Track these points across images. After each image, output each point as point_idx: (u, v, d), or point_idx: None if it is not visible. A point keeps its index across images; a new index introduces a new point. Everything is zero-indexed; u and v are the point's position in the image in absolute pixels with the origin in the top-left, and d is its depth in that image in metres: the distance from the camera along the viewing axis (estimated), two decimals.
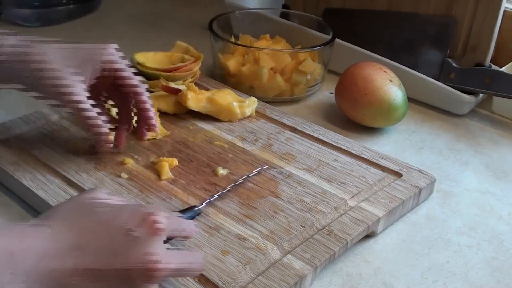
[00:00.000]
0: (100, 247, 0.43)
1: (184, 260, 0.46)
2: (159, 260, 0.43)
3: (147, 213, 0.44)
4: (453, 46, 0.88)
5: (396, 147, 0.78)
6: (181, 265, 0.45)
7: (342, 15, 0.98)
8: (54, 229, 0.43)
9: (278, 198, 0.62)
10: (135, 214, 0.44)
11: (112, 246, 0.43)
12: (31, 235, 0.42)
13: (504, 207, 0.67)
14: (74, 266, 0.42)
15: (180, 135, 0.73)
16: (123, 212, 0.45)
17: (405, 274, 0.57)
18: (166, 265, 0.43)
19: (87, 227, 0.44)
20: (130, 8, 1.24)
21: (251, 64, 0.85)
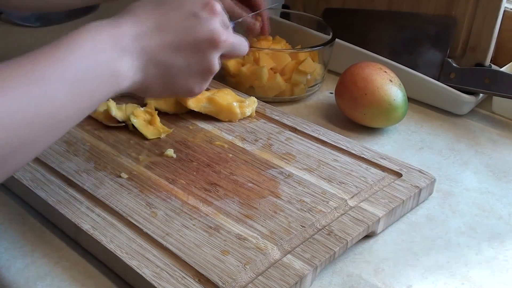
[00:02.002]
0: (175, 26, 0.54)
1: (237, 38, 0.59)
2: (221, 33, 0.55)
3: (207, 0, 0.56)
4: (453, 46, 0.88)
5: (396, 147, 0.78)
6: (236, 41, 0.59)
7: (342, 15, 0.98)
8: (138, 16, 0.54)
9: (278, 198, 0.62)
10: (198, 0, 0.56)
11: (184, 24, 0.54)
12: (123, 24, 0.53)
13: (504, 207, 0.67)
14: (159, 42, 0.53)
15: (180, 135, 0.73)
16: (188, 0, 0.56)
17: (405, 274, 0.57)
18: (227, 37, 0.56)
19: (163, 12, 0.54)
20: None
21: (251, 64, 0.85)
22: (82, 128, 0.73)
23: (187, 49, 0.55)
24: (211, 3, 0.56)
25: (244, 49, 0.61)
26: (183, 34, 0.54)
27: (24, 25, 1.09)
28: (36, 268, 0.55)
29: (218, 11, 0.56)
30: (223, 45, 0.56)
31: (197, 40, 0.55)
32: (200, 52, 0.55)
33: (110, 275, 0.55)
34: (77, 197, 0.61)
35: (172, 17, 0.54)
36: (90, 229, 0.56)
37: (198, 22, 0.55)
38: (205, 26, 0.55)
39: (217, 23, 0.56)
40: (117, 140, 0.71)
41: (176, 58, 0.54)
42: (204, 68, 0.56)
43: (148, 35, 0.53)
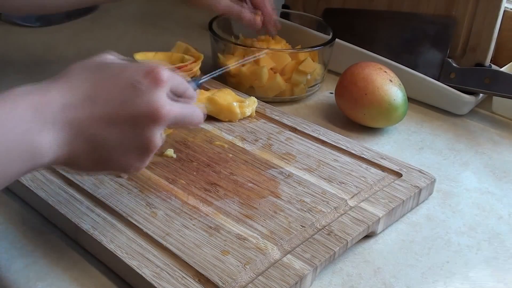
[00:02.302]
0: (110, 97, 0.49)
1: (185, 109, 0.53)
2: (162, 107, 0.49)
3: (151, 67, 0.50)
4: (453, 46, 0.88)
5: (396, 147, 0.78)
6: (183, 113, 0.52)
7: (342, 15, 0.98)
8: (71, 84, 0.48)
9: (278, 198, 0.62)
10: (140, 67, 0.50)
11: (120, 96, 0.49)
12: (51, 91, 0.47)
13: (504, 207, 0.67)
14: (90, 114, 0.48)
15: (180, 135, 0.73)
16: (129, 67, 0.51)
17: (405, 274, 0.57)
18: (169, 111, 0.49)
19: (99, 81, 0.49)
20: (130, 8, 1.23)
21: (251, 64, 0.85)
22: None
23: (123, 123, 0.49)
24: (155, 71, 0.50)
25: (196, 119, 0.55)
26: (118, 106, 0.48)
27: (24, 25, 1.09)
28: (36, 268, 0.55)
29: (163, 80, 0.50)
30: (164, 119, 0.49)
31: (134, 114, 0.48)
32: (138, 127, 0.49)
33: (110, 275, 0.55)
34: (77, 197, 0.61)
35: (108, 86, 0.49)
36: (90, 229, 0.56)
37: (137, 94, 0.49)
38: (144, 98, 0.49)
39: (160, 95, 0.49)
40: None
41: (109, 133, 0.48)
42: (141, 145, 0.50)
43: (78, 106, 0.47)
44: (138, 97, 0.49)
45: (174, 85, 0.52)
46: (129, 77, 0.49)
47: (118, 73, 0.50)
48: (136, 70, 0.50)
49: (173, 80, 0.52)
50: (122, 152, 0.50)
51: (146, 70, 0.50)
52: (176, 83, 0.53)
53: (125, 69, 0.50)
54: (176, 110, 0.51)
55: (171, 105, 0.50)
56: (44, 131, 0.45)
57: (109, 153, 0.49)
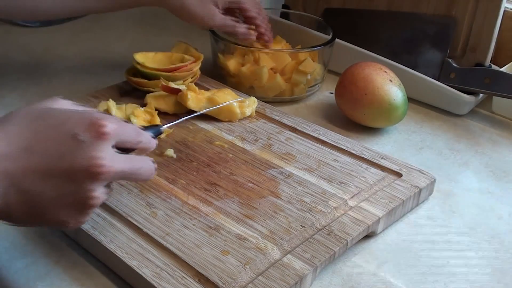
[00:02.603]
0: (48, 149, 0.45)
1: (131, 164, 0.49)
2: (103, 162, 0.46)
3: (95, 118, 0.47)
4: (453, 46, 0.88)
5: (396, 147, 0.78)
6: (128, 169, 0.49)
7: (342, 15, 0.98)
8: (7, 132, 0.46)
9: (278, 198, 0.62)
10: (84, 119, 0.47)
11: (59, 148, 0.46)
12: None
13: (504, 207, 0.67)
14: (24, 166, 0.45)
15: (180, 135, 0.73)
16: (72, 117, 0.47)
17: (405, 274, 0.57)
18: (110, 167, 0.46)
19: (38, 131, 0.46)
20: None
21: (251, 64, 0.85)
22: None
23: (59, 177, 0.45)
24: (98, 123, 0.46)
25: (144, 174, 0.51)
26: (55, 159, 0.45)
27: (24, 25, 1.09)
28: (36, 268, 0.55)
29: (107, 133, 0.46)
30: (104, 176, 0.46)
31: (71, 169, 0.45)
32: (75, 182, 0.46)
33: (110, 275, 0.55)
34: None
35: (47, 137, 0.46)
36: (90, 229, 0.56)
37: (77, 147, 0.46)
38: (84, 152, 0.46)
39: (101, 149, 0.46)
40: None
41: (44, 187, 0.45)
42: (80, 200, 0.47)
43: (14, 157, 0.45)
44: (77, 150, 0.46)
45: (123, 138, 0.49)
46: (70, 128, 0.46)
47: (60, 124, 0.47)
48: (79, 121, 0.47)
49: (121, 132, 0.48)
50: (59, 207, 0.47)
51: (89, 122, 0.46)
52: (125, 135, 0.49)
53: (67, 120, 0.47)
54: (119, 166, 0.47)
55: (113, 160, 0.47)
56: None
57: (44, 208, 0.46)
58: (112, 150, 0.47)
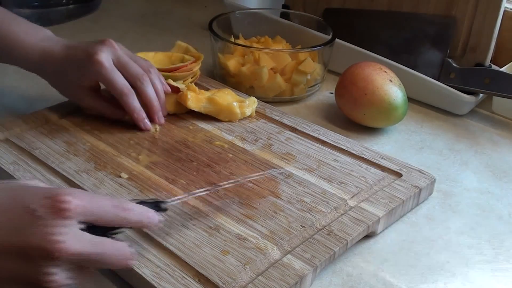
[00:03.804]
0: (2, 222, 0.42)
1: (97, 247, 0.44)
2: (58, 242, 0.42)
3: (57, 193, 0.43)
4: (453, 46, 0.88)
5: (396, 147, 0.78)
6: (91, 252, 0.44)
7: (342, 15, 0.98)
8: None
9: (278, 198, 0.62)
10: (45, 193, 0.43)
11: (13, 221, 0.42)
12: None
13: (504, 207, 0.67)
14: None
15: (180, 135, 0.73)
16: (34, 192, 0.44)
17: (405, 274, 0.57)
18: (67, 249, 0.42)
19: None
20: (130, 8, 1.24)
21: (251, 64, 0.85)
22: (82, 128, 0.73)
23: (12, 255, 0.42)
24: (59, 198, 0.42)
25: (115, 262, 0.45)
26: (8, 234, 0.42)
27: None
28: None
29: (69, 209, 0.42)
30: (60, 257, 0.42)
31: (25, 246, 0.42)
32: (29, 261, 0.42)
33: (110, 275, 0.55)
34: None
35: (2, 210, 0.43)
36: None
37: (33, 222, 0.42)
38: (39, 228, 0.42)
39: (61, 226, 0.42)
40: (117, 140, 0.71)
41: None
42: (33, 281, 0.42)
43: None
44: (32, 226, 0.42)
45: (95, 215, 0.45)
46: (28, 202, 0.43)
47: (18, 198, 0.44)
48: (39, 195, 0.43)
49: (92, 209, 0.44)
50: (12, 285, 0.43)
51: (49, 196, 0.43)
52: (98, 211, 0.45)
53: (27, 194, 0.44)
54: (80, 248, 0.43)
55: (73, 241, 0.42)
56: None
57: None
58: (75, 229, 0.43)
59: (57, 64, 0.72)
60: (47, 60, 0.72)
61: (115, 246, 0.46)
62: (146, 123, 0.73)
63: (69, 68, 0.71)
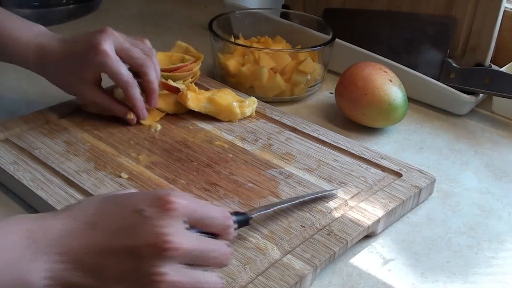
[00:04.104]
0: (111, 224, 0.43)
1: (203, 244, 0.44)
2: (169, 238, 0.42)
3: (162, 193, 0.44)
4: (453, 46, 0.88)
5: (396, 147, 0.78)
6: (198, 249, 0.44)
7: (342, 15, 0.98)
8: (71, 212, 0.45)
9: (278, 198, 0.62)
10: (150, 194, 0.44)
11: (123, 223, 0.43)
12: (50, 219, 0.44)
13: (504, 207, 0.67)
14: (87, 243, 0.43)
15: (180, 135, 0.73)
16: (139, 194, 0.46)
17: (405, 274, 0.57)
18: (178, 244, 0.42)
19: (101, 208, 0.45)
20: (130, 8, 1.24)
21: (251, 64, 0.85)
22: (82, 128, 0.73)
23: (124, 254, 0.42)
24: (165, 198, 0.43)
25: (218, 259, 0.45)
26: (118, 235, 0.43)
27: None
28: None
29: (176, 208, 0.43)
30: (172, 252, 0.42)
31: (135, 245, 0.42)
32: (139, 259, 0.42)
33: None
34: (77, 197, 0.61)
35: (110, 213, 0.44)
36: None
37: (141, 222, 0.43)
38: (149, 227, 0.42)
39: (170, 224, 0.42)
40: (117, 140, 0.71)
41: (107, 263, 0.42)
42: (144, 279, 0.42)
43: (76, 234, 0.43)
44: (141, 225, 0.43)
45: (199, 217, 0.45)
46: (135, 203, 0.44)
47: (123, 200, 0.45)
48: (144, 196, 0.44)
49: (193, 209, 0.45)
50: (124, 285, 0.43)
51: (155, 197, 0.44)
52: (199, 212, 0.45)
53: (133, 197, 0.45)
54: (189, 244, 0.43)
55: (183, 237, 0.43)
56: (35, 261, 0.42)
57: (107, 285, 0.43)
58: (181, 227, 0.43)
59: (57, 60, 0.70)
60: (45, 56, 0.70)
61: (217, 243, 0.46)
62: (145, 112, 0.74)
63: (70, 62, 0.70)
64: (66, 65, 0.70)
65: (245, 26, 0.98)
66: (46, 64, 0.71)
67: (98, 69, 0.70)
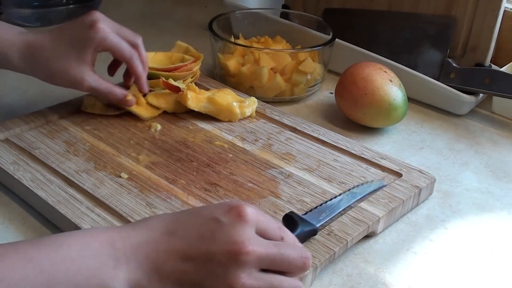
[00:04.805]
0: (188, 232, 0.45)
1: (277, 249, 0.45)
2: (244, 244, 0.44)
3: (236, 203, 0.46)
4: (453, 46, 0.88)
5: (396, 147, 0.78)
6: (273, 254, 0.45)
7: (342, 15, 0.98)
8: (149, 223, 0.47)
9: (278, 198, 0.62)
10: (223, 205, 0.47)
11: (199, 231, 0.45)
12: (128, 228, 0.46)
13: (504, 207, 0.67)
14: (166, 249, 0.44)
15: (180, 135, 0.73)
16: (211, 205, 0.49)
17: (405, 274, 0.57)
18: (252, 250, 0.44)
19: (179, 218, 0.47)
20: (130, 8, 1.24)
21: (251, 64, 0.85)
22: (82, 128, 0.73)
23: (201, 260, 0.44)
24: (239, 207, 0.45)
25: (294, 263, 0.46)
26: (195, 241, 0.45)
27: (24, 25, 1.09)
28: None
29: (249, 216, 0.45)
30: (247, 258, 0.43)
31: (212, 251, 0.44)
32: (218, 265, 0.44)
33: None
34: (77, 197, 0.61)
35: (187, 221, 0.46)
36: None
37: (218, 229, 0.45)
38: (224, 233, 0.44)
39: (243, 231, 0.44)
40: (117, 140, 0.71)
41: (186, 267, 0.44)
42: (220, 284, 0.44)
43: (155, 241, 0.45)
44: (217, 232, 0.44)
45: (264, 226, 0.46)
46: (210, 212, 0.46)
47: (199, 210, 0.48)
48: (218, 206, 0.47)
49: (263, 220, 0.46)
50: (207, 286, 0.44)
51: (229, 206, 0.46)
52: (267, 225, 0.46)
53: (206, 208, 0.48)
54: (263, 249, 0.44)
55: (257, 242, 0.44)
56: (117, 267, 0.43)
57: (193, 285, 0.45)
58: (255, 234, 0.45)
59: (48, 49, 0.69)
60: (33, 50, 0.69)
61: (292, 247, 0.47)
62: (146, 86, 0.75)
63: (64, 48, 0.69)
64: (59, 52, 0.69)
65: (245, 26, 0.98)
66: (34, 58, 0.69)
67: (99, 46, 0.69)
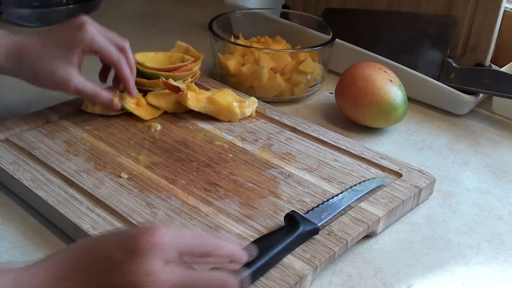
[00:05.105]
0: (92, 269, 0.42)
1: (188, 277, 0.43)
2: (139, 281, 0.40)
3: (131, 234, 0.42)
4: (453, 46, 0.88)
5: (396, 147, 0.78)
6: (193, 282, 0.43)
7: (342, 15, 0.98)
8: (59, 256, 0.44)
9: (278, 198, 0.62)
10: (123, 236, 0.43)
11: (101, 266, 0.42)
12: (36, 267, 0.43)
13: (504, 207, 0.67)
14: None
15: (180, 135, 0.73)
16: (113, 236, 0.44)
17: (405, 274, 0.57)
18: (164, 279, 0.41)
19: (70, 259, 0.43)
20: (130, 8, 1.24)
21: (251, 64, 0.85)
22: (82, 128, 0.73)
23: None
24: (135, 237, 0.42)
25: None
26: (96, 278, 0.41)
27: (24, 25, 1.09)
28: None
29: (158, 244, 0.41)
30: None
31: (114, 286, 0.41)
32: None
33: None
34: (77, 197, 0.61)
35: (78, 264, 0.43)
36: (90, 229, 0.56)
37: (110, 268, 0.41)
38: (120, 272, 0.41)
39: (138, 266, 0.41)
40: (117, 140, 0.71)
41: None
42: None
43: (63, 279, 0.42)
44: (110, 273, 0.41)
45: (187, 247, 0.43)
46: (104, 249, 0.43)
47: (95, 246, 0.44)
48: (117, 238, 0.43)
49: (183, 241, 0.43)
50: None
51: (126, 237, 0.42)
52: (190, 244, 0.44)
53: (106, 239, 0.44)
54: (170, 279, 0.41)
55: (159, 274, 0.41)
56: None
57: None
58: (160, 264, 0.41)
59: (35, 49, 0.69)
60: (20, 51, 0.68)
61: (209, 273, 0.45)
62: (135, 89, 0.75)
63: (52, 49, 0.69)
64: (46, 53, 0.69)
65: (245, 26, 0.98)
66: (21, 58, 0.69)
67: (87, 47, 0.69)
